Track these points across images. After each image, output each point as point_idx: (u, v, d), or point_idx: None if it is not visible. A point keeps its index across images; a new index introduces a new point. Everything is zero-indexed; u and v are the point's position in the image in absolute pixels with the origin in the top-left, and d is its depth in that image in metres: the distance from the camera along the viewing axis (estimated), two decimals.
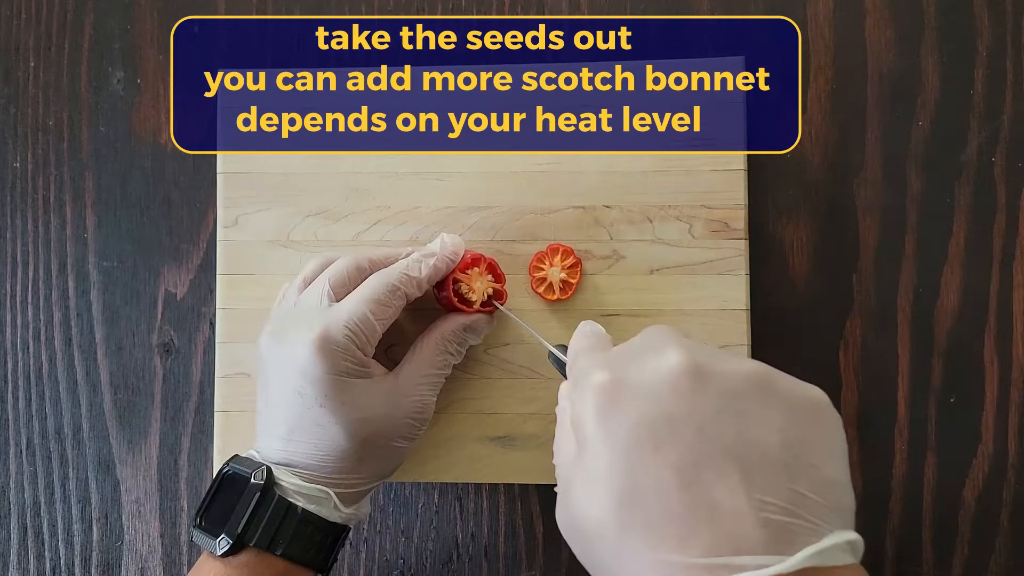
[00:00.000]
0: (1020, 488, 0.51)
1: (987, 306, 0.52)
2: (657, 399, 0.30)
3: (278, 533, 0.40)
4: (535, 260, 0.50)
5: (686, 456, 0.29)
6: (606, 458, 0.30)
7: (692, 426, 0.29)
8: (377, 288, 0.43)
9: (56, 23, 0.57)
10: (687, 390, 0.30)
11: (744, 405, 0.29)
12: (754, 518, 0.27)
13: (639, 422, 0.29)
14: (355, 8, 0.55)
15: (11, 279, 0.56)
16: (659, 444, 0.29)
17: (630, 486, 0.29)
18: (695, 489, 0.28)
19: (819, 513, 0.28)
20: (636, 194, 0.50)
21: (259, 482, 0.40)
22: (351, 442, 0.41)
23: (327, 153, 0.51)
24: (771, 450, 0.29)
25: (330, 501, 0.42)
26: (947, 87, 0.53)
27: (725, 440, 0.29)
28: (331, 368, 0.41)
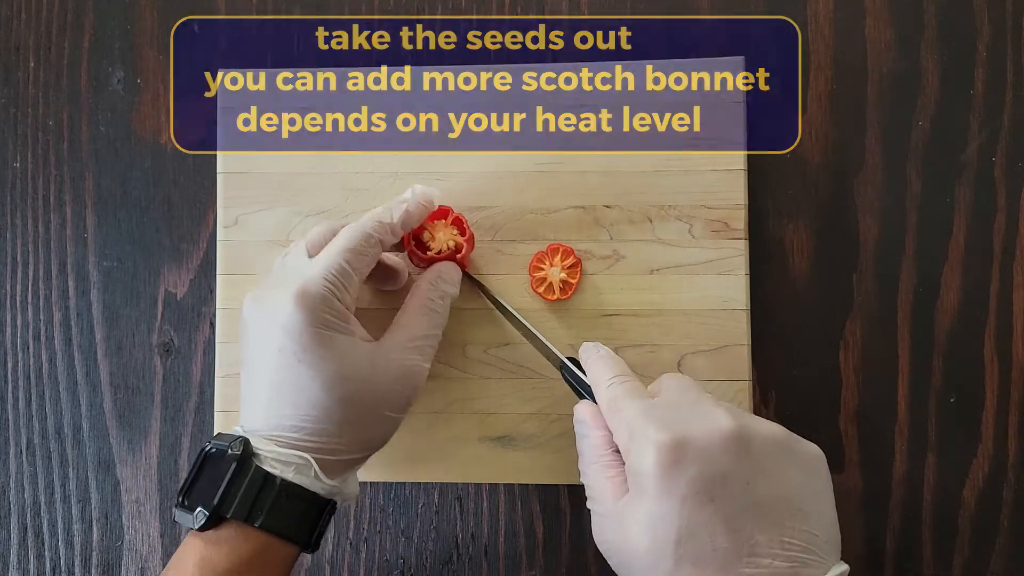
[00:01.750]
0: (1020, 488, 0.51)
1: (987, 306, 0.52)
2: (713, 459, 0.36)
3: (256, 504, 0.39)
4: (535, 260, 0.50)
5: (734, 507, 0.35)
6: (665, 505, 0.35)
7: (740, 482, 0.36)
8: (351, 237, 0.43)
9: (56, 23, 0.57)
10: (736, 451, 0.36)
11: (775, 465, 0.37)
12: (783, 556, 0.35)
13: (697, 478, 0.35)
14: (355, 8, 0.55)
15: (11, 279, 0.56)
16: (713, 497, 0.35)
17: (687, 529, 0.35)
18: (740, 534, 0.35)
19: (824, 549, 0.36)
20: (636, 194, 0.50)
21: (235, 452, 0.40)
22: (331, 400, 0.40)
23: (327, 153, 0.51)
24: (793, 501, 0.36)
25: (310, 469, 0.40)
26: (947, 87, 0.53)
27: (762, 493, 0.36)
28: (310, 319, 0.40)
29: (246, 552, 0.40)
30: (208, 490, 0.40)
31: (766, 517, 0.35)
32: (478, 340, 0.50)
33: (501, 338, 0.50)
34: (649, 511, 0.36)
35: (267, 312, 0.41)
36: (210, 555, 0.39)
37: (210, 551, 0.39)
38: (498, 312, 0.49)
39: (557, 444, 0.50)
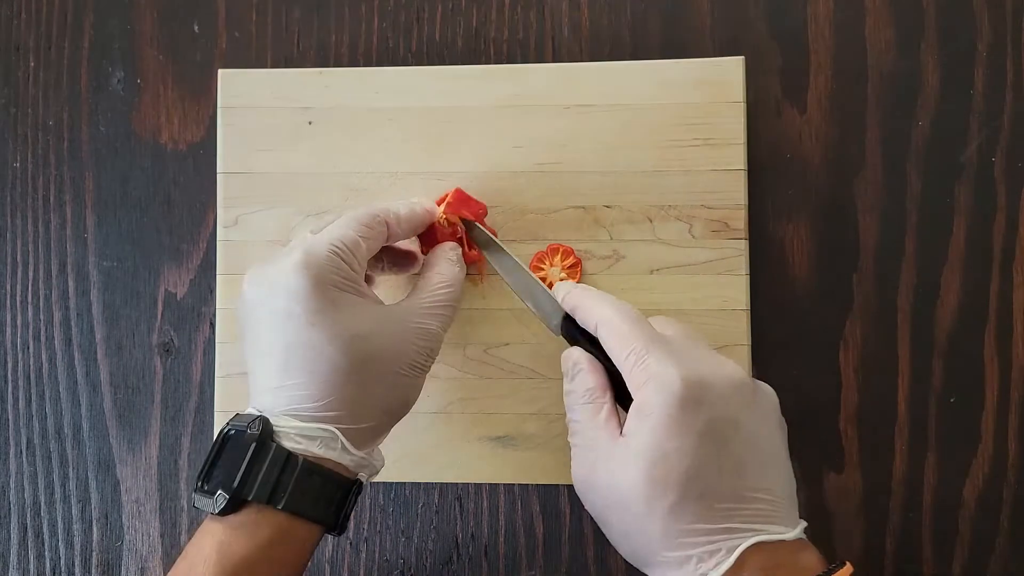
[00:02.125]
0: (1020, 488, 0.51)
1: (987, 306, 0.52)
2: (729, 404, 0.38)
3: (278, 484, 0.38)
4: (535, 260, 0.50)
5: (742, 451, 0.37)
6: (679, 440, 0.36)
7: (748, 430, 0.38)
8: (359, 212, 0.43)
9: (56, 23, 0.57)
10: (746, 400, 0.39)
11: (769, 418, 0.40)
12: (770, 502, 0.38)
13: (715, 419, 0.37)
14: (355, 8, 0.55)
15: (11, 279, 0.56)
16: (727, 439, 0.37)
17: (697, 465, 0.36)
18: (743, 477, 0.37)
19: (793, 503, 0.39)
20: (636, 194, 0.50)
21: (255, 432, 0.38)
22: (349, 361, 0.39)
23: (327, 153, 0.51)
24: (781, 455, 0.40)
25: (337, 440, 0.39)
26: (947, 87, 0.53)
27: (763, 443, 0.39)
28: (317, 279, 0.39)
29: (266, 535, 0.38)
30: (228, 473, 0.38)
31: (764, 464, 0.38)
32: (478, 340, 0.50)
33: (501, 338, 0.50)
34: (659, 445, 0.36)
35: (271, 282, 0.40)
36: (229, 540, 0.38)
37: (229, 536, 0.38)
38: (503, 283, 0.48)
39: (557, 444, 0.50)
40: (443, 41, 0.55)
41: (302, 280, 0.39)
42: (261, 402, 0.40)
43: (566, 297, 0.43)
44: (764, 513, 0.37)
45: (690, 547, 0.36)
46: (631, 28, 0.54)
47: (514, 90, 0.50)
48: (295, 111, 0.51)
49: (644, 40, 0.54)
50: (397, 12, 0.55)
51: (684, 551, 0.36)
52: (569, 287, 0.44)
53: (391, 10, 0.55)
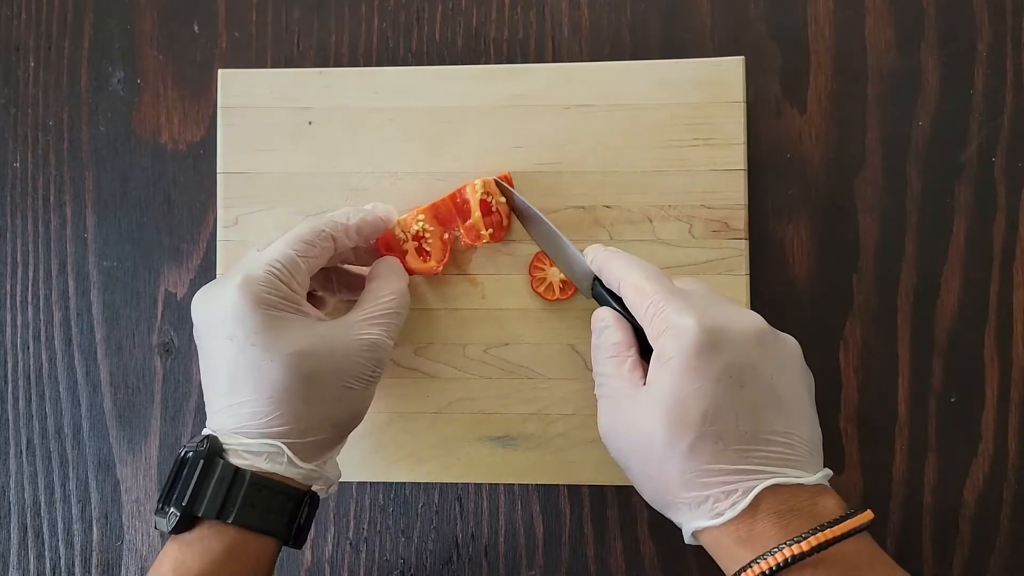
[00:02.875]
0: (1020, 488, 0.51)
1: (987, 306, 0.52)
2: (746, 349, 0.39)
3: (227, 499, 0.39)
4: (535, 260, 0.50)
5: (759, 396, 0.38)
6: (697, 384, 0.38)
7: (766, 375, 0.39)
8: (301, 230, 0.43)
9: (56, 23, 0.57)
10: (764, 347, 0.40)
11: (790, 366, 0.41)
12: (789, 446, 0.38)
13: (732, 363, 0.38)
14: (355, 8, 0.55)
15: (11, 279, 0.56)
16: (743, 383, 0.38)
17: (716, 407, 0.38)
18: (761, 420, 0.38)
19: (816, 451, 0.40)
20: (636, 194, 0.50)
21: (202, 450, 0.39)
22: (291, 378, 0.40)
23: (327, 153, 0.51)
24: (802, 401, 0.40)
25: (282, 455, 0.40)
26: (947, 87, 0.53)
27: (781, 389, 0.39)
28: (255, 302, 0.40)
29: (219, 550, 0.39)
30: (180, 492, 0.39)
31: (783, 410, 0.39)
32: (478, 340, 0.50)
33: (501, 338, 0.50)
34: (677, 388, 0.38)
35: (213, 306, 0.41)
36: (184, 557, 0.39)
37: (183, 553, 0.39)
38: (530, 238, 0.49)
39: (557, 444, 0.50)
40: (443, 41, 0.55)
41: (240, 302, 0.40)
42: (214, 422, 0.41)
43: (594, 259, 0.45)
44: (782, 457, 0.38)
45: (707, 487, 0.37)
46: (631, 28, 0.54)
47: (514, 90, 0.50)
48: (295, 111, 0.51)
49: (644, 40, 0.54)
50: (397, 12, 0.55)
51: (702, 491, 0.37)
52: (599, 250, 0.46)
53: (391, 10, 0.55)
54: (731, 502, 0.37)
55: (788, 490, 0.37)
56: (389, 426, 0.50)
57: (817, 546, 0.35)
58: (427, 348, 0.50)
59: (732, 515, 0.37)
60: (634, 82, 0.50)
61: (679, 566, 0.52)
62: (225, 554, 0.39)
